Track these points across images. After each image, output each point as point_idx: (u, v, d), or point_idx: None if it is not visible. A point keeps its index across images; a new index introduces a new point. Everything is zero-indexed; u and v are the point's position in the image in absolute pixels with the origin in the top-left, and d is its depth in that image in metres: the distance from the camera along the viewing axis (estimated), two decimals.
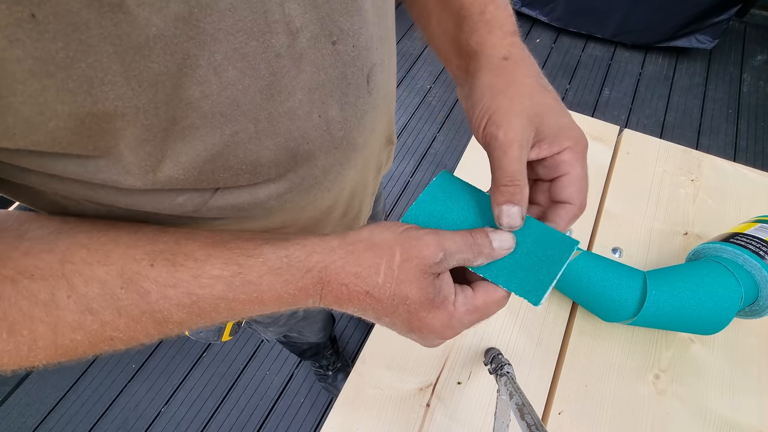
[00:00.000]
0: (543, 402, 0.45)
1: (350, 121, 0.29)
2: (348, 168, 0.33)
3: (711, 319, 0.42)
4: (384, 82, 0.32)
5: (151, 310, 0.22)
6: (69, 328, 0.20)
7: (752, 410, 0.44)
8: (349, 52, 0.26)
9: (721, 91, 1.86)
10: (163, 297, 0.22)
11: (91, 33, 0.16)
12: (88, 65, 0.16)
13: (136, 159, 0.20)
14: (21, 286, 0.20)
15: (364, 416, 0.44)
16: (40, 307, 0.20)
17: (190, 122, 0.20)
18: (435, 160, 1.67)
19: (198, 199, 0.26)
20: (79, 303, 0.20)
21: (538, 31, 2.08)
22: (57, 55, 0.15)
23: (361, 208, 0.44)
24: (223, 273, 0.23)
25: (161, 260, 0.22)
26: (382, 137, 0.39)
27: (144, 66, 0.17)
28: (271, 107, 0.23)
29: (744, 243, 0.43)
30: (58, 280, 0.20)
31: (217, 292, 0.23)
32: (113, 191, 0.23)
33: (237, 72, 0.21)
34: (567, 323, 0.50)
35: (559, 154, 0.27)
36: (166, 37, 0.17)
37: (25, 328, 0.20)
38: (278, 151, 0.25)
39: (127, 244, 0.23)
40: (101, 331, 0.21)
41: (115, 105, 0.18)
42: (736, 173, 0.61)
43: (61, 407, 1.21)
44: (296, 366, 1.27)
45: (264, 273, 0.23)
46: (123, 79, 0.17)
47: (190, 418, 1.19)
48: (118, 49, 0.16)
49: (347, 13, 0.25)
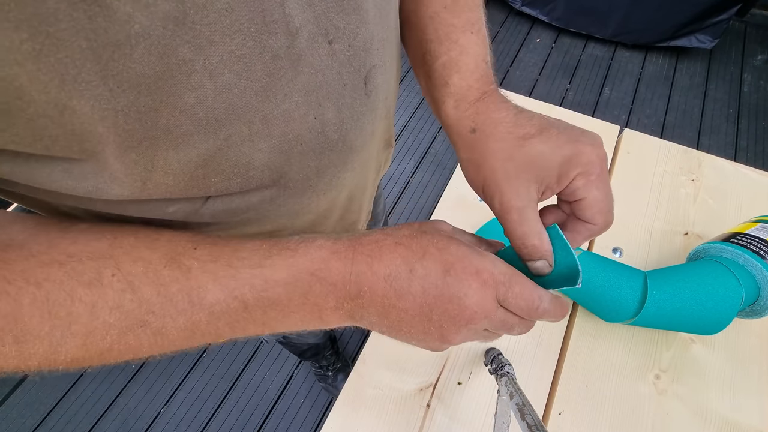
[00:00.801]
0: (543, 402, 0.45)
1: (346, 123, 0.28)
2: (344, 171, 0.32)
3: (712, 319, 0.41)
4: (384, 84, 0.31)
5: (189, 287, 0.21)
6: (107, 307, 0.20)
7: (753, 410, 0.44)
8: (345, 51, 0.25)
9: (722, 91, 1.86)
10: (203, 272, 0.22)
11: (61, 26, 0.14)
12: (58, 60, 0.15)
13: (122, 166, 0.19)
14: (69, 266, 0.20)
15: (364, 417, 0.44)
16: (84, 285, 0.20)
17: (183, 130, 0.20)
18: (435, 160, 1.67)
19: (189, 208, 0.25)
20: (122, 280, 0.20)
21: (538, 30, 2.08)
22: (22, 46, 0.14)
23: (360, 211, 0.43)
24: (262, 246, 0.23)
25: (204, 243, 0.23)
26: (381, 140, 0.39)
27: (123, 66, 0.16)
28: (267, 109, 0.23)
29: (745, 243, 0.43)
30: (107, 260, 0.21)
31: (255, 261, 0.23)
32: (100, 203, 0.22)
33: (233, 75, 0.20)
34: (567, 323, 0.50)
35: (572, 183, 0.26)
36: (152, 36, 0.16)
37: (64, 309, 0.19)
38: (271, 154, 0.25)
39: (172, 234, 0.23)
40: (137, 312, 0.21)
41: (91, 105, 0.16)
42: (736, 173, 0.61)
43: (61, 408, 1.21)
44: (296, 366, 1.27)
45: (299, 242, 0.24)
46: (99, 78, 0.16)
47: (189, 418, 1.19)
48: (92, 45, 0.15)
49: (343, 11, 0.24)
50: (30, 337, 0.19)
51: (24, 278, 0.19)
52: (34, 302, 0.19)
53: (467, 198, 0.60)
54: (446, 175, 1.62)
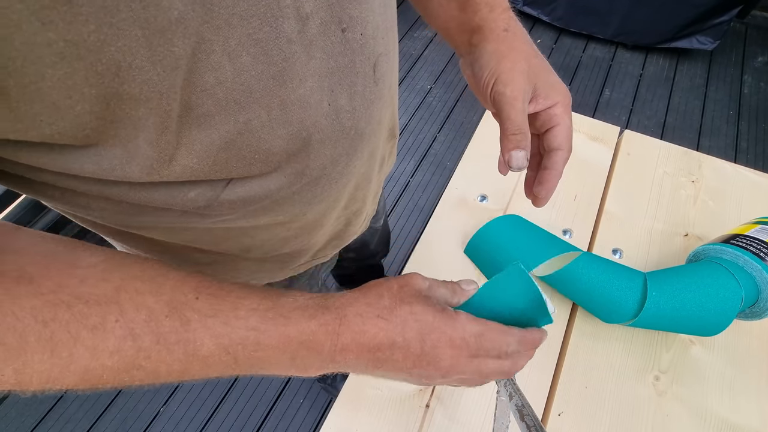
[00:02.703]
0: (543, 403, 0.45)
1: (358, 110, 0.30)
2: (355, 159, 0.33)
3: (711, 320, 0.41)
4: (389, 72, 0.33)
5: (186, 340, 0.23)
6: (107, 352, 0.21)
7: (752, 412, 0.44)
8: (358, 39, 0.27)
9: (722, 93, 1.86)
10: (202, 326, 0.23)
11: (122, 16, 0.16)
12: (118, 49, 0.16)
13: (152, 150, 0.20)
14: (76, 309, 0.20)
15: (363, 417, 0.44)
16: (88, 329, 0.20)
17: (205, 109, 0.21)
18: (435, 160, 1.67)
19: (210, 193, 0.26)
20: (124, 327, 0.21)
21: (539, 31, 2.08)
22: (89, 38, 0.15)
23: (365, 202, 0.44)
24: (260, 306, 0.25)
25: (206, 295, 0.24)
26: (386, 129, 0.40)
27: (167, 50, 0.17)
28: (284, 94, 0.24)
29: (744, 244, 0.43)
30: (111, 305, 0.21)
31: (251, 323, 0.24)
32: (125, 186, 0.23)
33: (250, 58, 0.21)
34: (567, 324, 0.50)
35: (552, 108, 0.32)
36: (186, 20, 0.17)
37: (66, 350, 0.20)
38: (290, 140, 0.26)
39: (176, 279, 0.24)
40: (134, 358, 0.22)
41: (140, 89, 0.18)
42: (736, 174, 0.61)
43: (60, 407, 1.20)
44: None
45: (293, 309, 0.25)
46: (149, 63, 0.17)
47: (189, 418, 1.19)
48: (146, 33, 0.17)
49: (356, 1, 0.25)
50: (30, 370, 0.20)
51: (32, 315, 0.19)
52: (39, 340, 0.19)
53: (467, 198, 0.60)
54: (446, 175, 1.62)
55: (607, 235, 0.56)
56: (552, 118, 0.32)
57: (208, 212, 0.28)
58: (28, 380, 0.20)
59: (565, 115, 0.32)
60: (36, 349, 0.19)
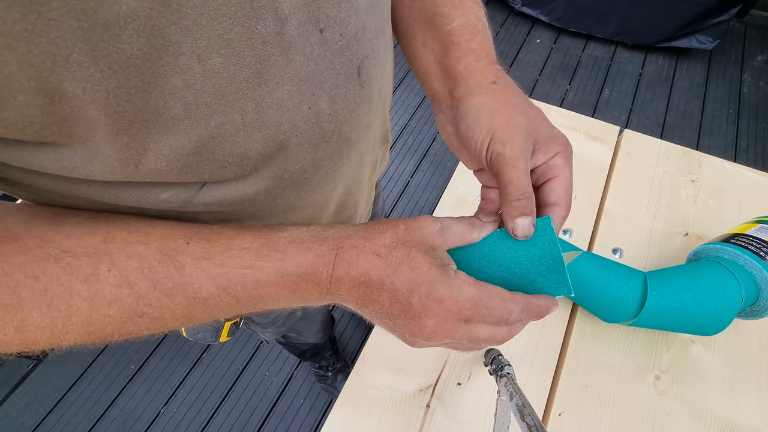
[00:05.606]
0: (543, 403, 0.45)
1: (341, 114, 0.29)
2: (340, 164, 0.32)
3: (711, 320, 0.41)
4: (378, 76, 0.31)
5: (184, 283, 0.23)
6: (105, 301, 0.21)
7: (753, 411, 0.44)
8: (337, 41, 0.25)
9: (722, 92, 1.86)
10: (196, 269, 0.23)
11: (52, 5, 0.15)
12: (50, 41, 0.15)
13: (113, 151, 0.20)
14: (64, 262, 0.20)
15: (364, 417, 0.44)
16: (81, 281, 0.21)
17: (174, 113, 0.20)
18: (435, 160, 1.67)
19: (183, 195, 0.25)
20: (118, 276, 0.21)
21: (538, 31, 2.08)
22: (14, 27, 0.14)
23: (357, 208, 0.43)
24: (253, 244, 0.24)
25: (197, 239, 0.24)
26: (377, 134, 0.39)
27: (114, 47, 0.16)
28: (258, 97, 0.23)
29: (744, 244, 0.43)
30: (101, 256, 0.21)
31: (246, 261, 0.24)
32: (95, 185, 0.23)
33: (221, 60, 0.20)
34: (567, 324, 0.50)
35: (552, 159, 0.29)
36: (140, 17, 0.16)
37: (64, 303, 0.20)
38: (267, 144, 0.25)
39: (164, 228, 0.24)
40: (134, 305, 0.22)
41: (83, 87, 0.17)
42: (736, 174, 0.61)
43: (60, 408, 1.20)
44: (296, 367, 1.27)
45: (288, 242, 0.25)
46: (90, 59, 0.16)
47: (189, 419, 1.19)
48: (83, 25, 0.15)
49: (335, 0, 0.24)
50: (31, 327, 0.20)
51: (22, 271, 0.19)
52: (33, 295, 0.20)
53: (467, 198, 0.60)
54: (446, 175, 1.62)
55: (607, 235, 0.56)
56: (551, 169, 0.29)
57: (183, 215, 0.28)
58: (33, 338, 0.20)
59: (566, 167, 0.29)
60: (32, 305, 0.19)
